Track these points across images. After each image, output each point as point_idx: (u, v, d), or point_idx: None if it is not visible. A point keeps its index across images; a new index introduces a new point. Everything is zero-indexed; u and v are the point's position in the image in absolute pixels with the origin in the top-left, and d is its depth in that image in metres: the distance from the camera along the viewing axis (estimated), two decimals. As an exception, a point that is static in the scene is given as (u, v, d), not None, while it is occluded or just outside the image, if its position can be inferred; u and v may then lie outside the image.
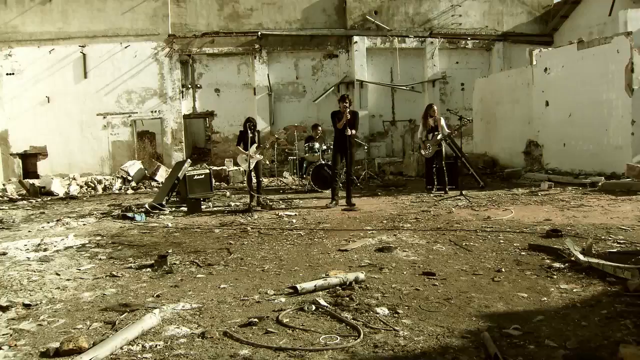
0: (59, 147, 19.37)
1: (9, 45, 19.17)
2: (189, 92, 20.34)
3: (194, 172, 12.00)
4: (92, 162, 19.42)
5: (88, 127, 19.52)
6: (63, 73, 19.34)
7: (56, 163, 19.30)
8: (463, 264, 5.95)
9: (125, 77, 19.65)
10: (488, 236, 7.25)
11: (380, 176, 16.12)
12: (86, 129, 19.52)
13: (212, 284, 5.66)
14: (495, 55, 21.15)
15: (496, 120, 16.78)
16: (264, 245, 7.34)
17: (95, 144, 19.59)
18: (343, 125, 10.31)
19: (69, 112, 19.29)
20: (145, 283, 5.84)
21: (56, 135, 19.26)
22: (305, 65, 20.94)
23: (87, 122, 19.49)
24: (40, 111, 19.21)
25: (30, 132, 19.19)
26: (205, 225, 9.10)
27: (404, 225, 8.28)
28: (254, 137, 11.66)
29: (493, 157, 16.82)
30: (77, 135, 19.45)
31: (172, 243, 7.80)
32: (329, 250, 6.88)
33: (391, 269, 5.87)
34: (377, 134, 21.23)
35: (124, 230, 8.98)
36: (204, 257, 6.82)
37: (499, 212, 9.16)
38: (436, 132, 11.85)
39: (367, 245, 7.03)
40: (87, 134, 19.54)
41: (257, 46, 20.22)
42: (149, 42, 19.70)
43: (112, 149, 19.70)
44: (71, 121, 19.34)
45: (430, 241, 7.13)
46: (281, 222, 9.11)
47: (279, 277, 5.79)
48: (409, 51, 20.93)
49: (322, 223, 8.85)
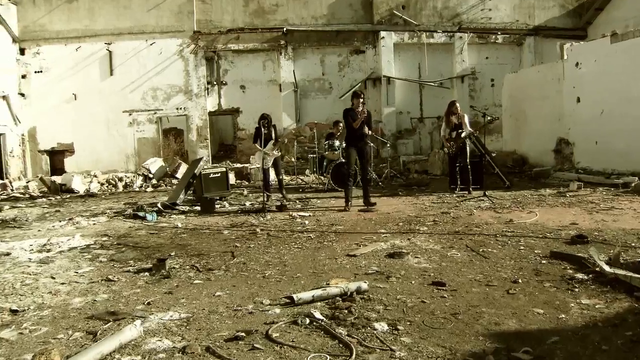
0: (85, 144, 19.36)
1: (37, 43, 19.21)
2: (214, 89, 20.11)
3: (210, 171, 11.67)
4: (117, 159, 19.36)
5: (114, 124, 19.46)
6: (89, 70, 19.31)
7: (83, 160, 19.28)
8: (477, 273, 5.46)
9: (150, 74, 19.53)
10: (508, 242, 6.72)
11: (405, 174, 15.62)
12: (112, 126, 19.46)
13: (208, 291, 5.29)
14: (527, 50, 20.43)
15: (526, 117, 16.08)
16: (271, 249, 6.94)
17: (121, 140, 19.52)
18: (360, 124, 9.80)
19: (95, 109, 19.25)
20: (140, 289, 5.50)
21: (83, 132, 19.26)
22: (332, 61, 20.54)
23: (112, 119, 19.44)
24: (67, 108, 19.21)
25: (57, 129, 19.22)
26: (216, 226, 8.75)
27: (420, 229, 7.78)
28: (269, 133, 11.34)
29: (522, 155, 16.14)
30: (103, 132, 19.40)
31: (177, 245, 7.47)
32: (337, 255, 6.45)
33: (399, 277, 5.42)
34: (405, 130, 20.74)
35: (132, 230, 8.70)
36: (206, 261, 6.46)
37: (523, 215, 8.59)
38: (460, 129, 11.32)
39: (378, 250, 6.58)
40: (112, 131, 19.47)
41: (283, 42, 19.90)
42: (174, 39, 19.54)
43: (137, 146, 19.60)
44: (97, 118, 19.30)
45: (445, 246, 6.64)
46: (293, 224, 8.70)
47: (279, 285, 5.38)
48: (437, 46, 20.36)
49: (335, 225, 8.41)
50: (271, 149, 11.20)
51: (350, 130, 10.01)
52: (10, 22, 18.55)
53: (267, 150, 11.19)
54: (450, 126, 11.48)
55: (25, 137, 19.15)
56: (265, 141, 11.24)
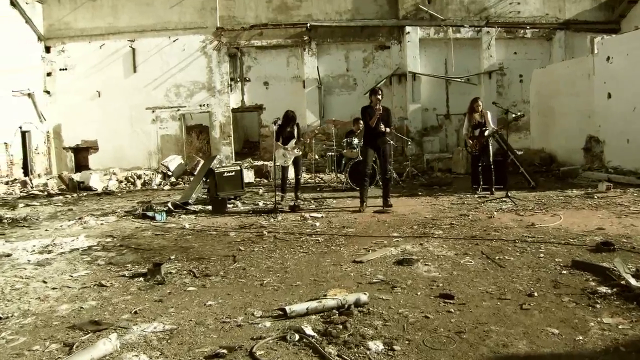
0: (109, 141, 19.25)
1: (62, 41, 19.16)
2: (237, 86, 19.80)
3: (224, 169, 11.30)
4: (140, 156, 19.20)
5: (137, 121, 19.30)
6: (113, 68, 19.18)
7: (106, 157, 19.18)
8: (490, 283, 4.97)
9: (173, 71, 19.31)
10: (527, 248, 6.19)
11: (428, 173, 15.07)
12: (135, 123, 19.30)
13: (200, 300, 4.93)
14: (557, 45, 19.62)
15: (554, 114, 15.36)
16: (275, 253, 6.54)
17: (144, 138, 19.35)
18: (376, 122, 9.32)
19: (119, 107, 19.11)
20: (131, 295, 5.17)
21: (106, 130, 19.15)
22: (356, 57, 20.04)
23: (136, 116, 19.28)
24: (91, 106, 19.12)
25: (81, 127, 19.15)
26: (223, 228, 8.37)
27: (434, 233, 7.28)
28: (292, 131, 10.97)
29: (551, 154, 15.43)
30: (126, 129, 19.26)
31: (179, 247, 7.12)
32: (343, 261, 6.02)
33: (405, 287, 4.97)
34: (431, 128, 20.14)
35: (138, 231, 8.38)
36: (205, 266, 6.10)
37: (546, 218, 7.99)
38: (483, 127, 10.77)
39: (387, 257, 6.12)
40: (136, 128, 19.32)
41: (307, 38, 19.48)
42: (197, 36, 19.28)
43: (160, 143, 19.42)
44: (121, 115, 19.17)
45: (459, 253, 6.14)
46: (303, 226, 8.27)
47: (275, 294, 4.99)
48: (464, 41, 19.68)
49: (347, 227, 7.95)
50: (292, 147, 10.82)
51: (367, 128, 9.56)
52: (35, 20, 18.53)
53: (289, 148, 10.82)
54: (473, 124, 10.95)
55: (50, 134, 19.13)
56: (287, 139, 10.89)
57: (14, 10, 17.53)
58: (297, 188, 11.04)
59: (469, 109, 11.08)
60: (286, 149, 10.75)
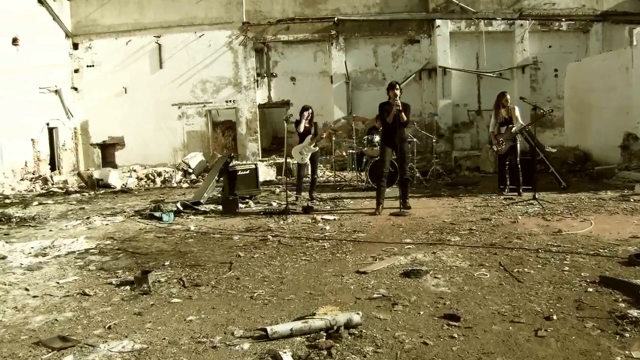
0: (135, 137, 19.08)
1: (89, 38, 19.05)
2: (263, 81, 19.36)
3: (238, 167, 10.82)
4: (166, 152, 18.95)
5: (163, 117, 19.05)
6: (139, 64, 18.96)
7: (133, 153, 19.01)
8: (504, 302, 4.35)
9: (199, 67, 18.99)
10: (551, 259, 5.51)
11: (456, 171, 14.33)
12: (161, 120, 19.05)
13: (181, 314, 4.45)
14: (593, 38, 18.59)
15: (590, 109, 14.40)
16: (275, 260, 6.01)
17: (170, 134, 19.10)
18: (393, 118, 8.69)
19: (145, 103, 18.90)
20: (111, 306, 4.73)
21: (133, 126, 18.98)
22: (385, 52, 19.36)
23: (162, 112, 19.03)
24: (118, 102, 18.96)
25: (108, 123, 19.02)
26: (229, 230, 7.86)
27: (451, 239, 6.63)
28: (310, 128, 10.47)
29: (585, 152, 14.48)
30: (152, 125, 19.03)
31: (177, 252, 6.65)
32: (346, 271, 5.45)
33: (407, 305, 4.38)
34: (462, 124, 19.38)
35: (141, 233, 7.94)
36: (198, 274, 5.61)
37: (575, 224, 7.24)
38: (510, 124, 10.04)
39: (394, 267, 5.52)
40: (162, 124, 19.06)
41: (334, 32, 18.90)
42: (223, 31, 18.91)
43: (186, 140, 19.14)
44: (147, 111, 18.95)
45: (474, 264, 5.51)
46: (313, 229, 7.70)
47: (264, 309, 4.47)
48: (497, 35, 18.82)
49: (358, 232, 7.35)
50: (309, 143, 10.30)
51: (384, 125, 8.95)
52: (63, 17, 18.41)
53: (304, 145, 10.30)
54: (500, 120, 10.22)
55: (77, 130, 19.02)
56: (303, 135, 10.39)
57: (42, 8, 17.42)
58: (313, 187, 10.50)
59: (496, 104, 10.34)
60: (302, 146, 10.25)
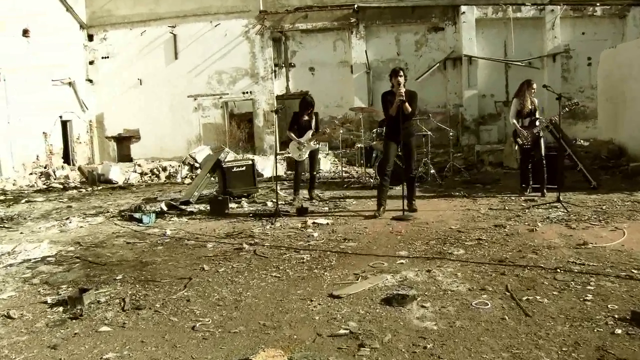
0: (151, 130, 18.44)
1: (104, 29, 18.43)
2: (281, 72, 18.46)
3: (234, 163, 9.89)
4: (182, 145, 18.21)
5: (179, 109, 18.33)
6: (154, 55, 18.27)
7: (148, 146, 18.37)
8: (503, 347, 3.29)
9: (215, 57, 18.18)
10: (571, 283, 4.40)
11: (477, 167, 13.14)
12: (177, 112, 18.32)
13: (101, 349, 3.55)
14: (631, 24, 17.12)
15: (625, 100, 12.99)
16: (240, 277, 5.05)
17: (186, 126, 18.38)
18: (397, 109, 7.61)
19: (160, 95, 18.22)
20: (29, 335, 3.88)
21: (148, 118, 18.33)
22: (407, 40, 18.24)
23: (178, 104, 18.31)
24: (133, 94, 18.33)
25: (123, 115, 18.44)
26: (207, 236, 6.92)
27: (453, 252, 5.54)
28: (310, 121, 9.46)
29: (620, 146, 13.10)
30: (168, 117, 18.36)
31: (138, 263, 5.74)
32: (318, 294, 4.47)
33: (375, 349, 3.37)
34: (488, 116, 18.20)
35: (112, 237, 7.06)
36: (147, 292, 4.70)
37: (604, 234, 6.04)
38: (533, 116, 8.82)
39: (378, 288, 4.52)
40: (177, 116, 18.34)
41: (354, 20, 17.86)
42: (240, 20, 18.05)
43: (202, 132, 18.38)
44: (162, 103, 18.28)
45: (476, 287, 4.46)
46: (299, 236, 6.69)
47: (200, 347, 3.52)
48: (526, 21, 17.53)
49: (349, 240, 6.32)
50: (309, 139, 9.31)
51: (387, 118, 7.88)
52: (77, 9, 17.79)
53: (303, 141, 9.31)
54: (527, 111, 8.96)
55: (92, 123, 18.43)
56: (303, 129, 9.38)
57: None
58: (312, 186, 9.50)
59: (521, 92, 9.02)
60: (301, 142, 9.28)
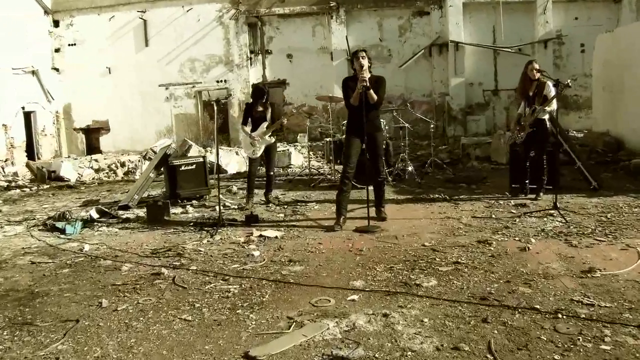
0: (121, 121, 17.09)
1: (70, 14, 16.99)
2: (257, 59, 17.11)
3: (182, 161, 8.48)
4: (153, 137, 16.82)
5: (150, 99, 16.99)
6: (124, 42, 16.86)
7: (119, 138, 17.04)
8: None
9: (188, 44, 16.80)
10: (578, 336, 3.06)
11: (463, 162, 11.81)
12: (148, 102, 16.97)
13: None
14: (627, 8, 15.84)
15: (623, 89, 11.64)
16: (140, 321, 3.65)
17: (158, 117, 17.02)
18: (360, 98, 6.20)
19: (131, 84, 16.84)
20: None
21: (118, 109, 16.98)
22: (391, 25, 16.94)
23: (149, 93, 16.96)
24: (102, 83, 16.91)
25: (92, 106, 17.06)
26: (129, 253, 5.52)
27: (422, 284, 4.19)
28: (265, 112, 8.04)
29: (617, 138, 11.78)
30: (138, 108, 17.00)
31: (27, 295, 4.31)
32: (230, 351, 3.11)
33: None
34: (476, 105, 16.95)
35: (19, 255, 5.63)
36: (10, 345, 3.34)
37: (613, 255, 4.69)
38: (534, 104, 7.34)
39: (313, 344, 3.18)
40: (149, 106, 16.97)
41: (334, 4, 16.53)
42: (213, 4, 16.69)
43: (174, 123, 17.00)
44: (133, 93, 16.91)
45: (446, 344, 3.11)
46: (237, 255, 5.30)
47: None
48: (516, 5, 16.23)
49: (295, 263, 4.93)
50: (263, 133, 7.90)
51: (348, 109, 6.49)
52: (41, -8, 16.29)
53: (255, 135, 7.90)
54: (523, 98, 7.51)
55: (59, 114, 17.00)
56: (257, 121, 7.99)
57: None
58: (269, 188, 8.10)
59: (524, 77, 7.44)
60: (253, 137, 7.90)
